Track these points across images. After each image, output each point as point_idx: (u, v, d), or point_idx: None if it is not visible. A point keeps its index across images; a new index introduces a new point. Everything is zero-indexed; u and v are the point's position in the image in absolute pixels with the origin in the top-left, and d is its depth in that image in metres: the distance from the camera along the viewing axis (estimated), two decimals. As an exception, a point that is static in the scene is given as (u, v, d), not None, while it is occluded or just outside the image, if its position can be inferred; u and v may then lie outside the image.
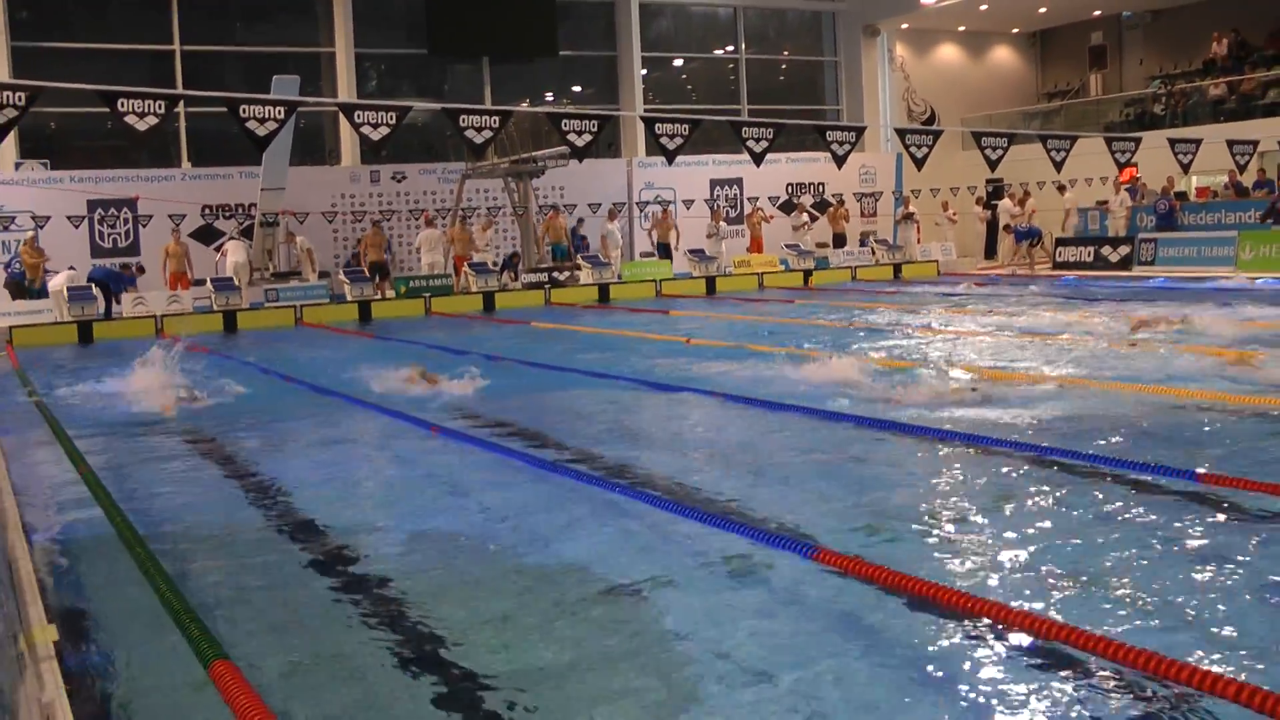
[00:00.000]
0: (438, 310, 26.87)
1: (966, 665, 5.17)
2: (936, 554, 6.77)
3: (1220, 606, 5.76)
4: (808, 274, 31.59)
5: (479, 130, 11.26)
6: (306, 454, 10.60)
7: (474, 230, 29.95)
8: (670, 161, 12.77)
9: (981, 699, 4.83)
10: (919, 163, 13.12)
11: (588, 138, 11.56)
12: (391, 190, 31.53)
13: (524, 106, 32.30)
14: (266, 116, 10.10)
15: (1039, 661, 5.16)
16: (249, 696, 4.60)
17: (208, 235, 29.29)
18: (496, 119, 11.53)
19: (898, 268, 33.10)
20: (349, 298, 27.08)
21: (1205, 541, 6.79)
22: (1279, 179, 29.88)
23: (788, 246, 32.62)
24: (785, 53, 40.56)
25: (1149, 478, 8.17)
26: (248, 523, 8.29)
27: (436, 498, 8.86)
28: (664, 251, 31.61)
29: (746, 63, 38.82)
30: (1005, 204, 34.89)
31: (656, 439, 10.76)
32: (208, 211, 29.36)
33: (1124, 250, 30.47)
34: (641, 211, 33.89)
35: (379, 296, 27.41)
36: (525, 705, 4.95)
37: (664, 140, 11.85)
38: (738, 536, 7.05)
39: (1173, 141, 15.59)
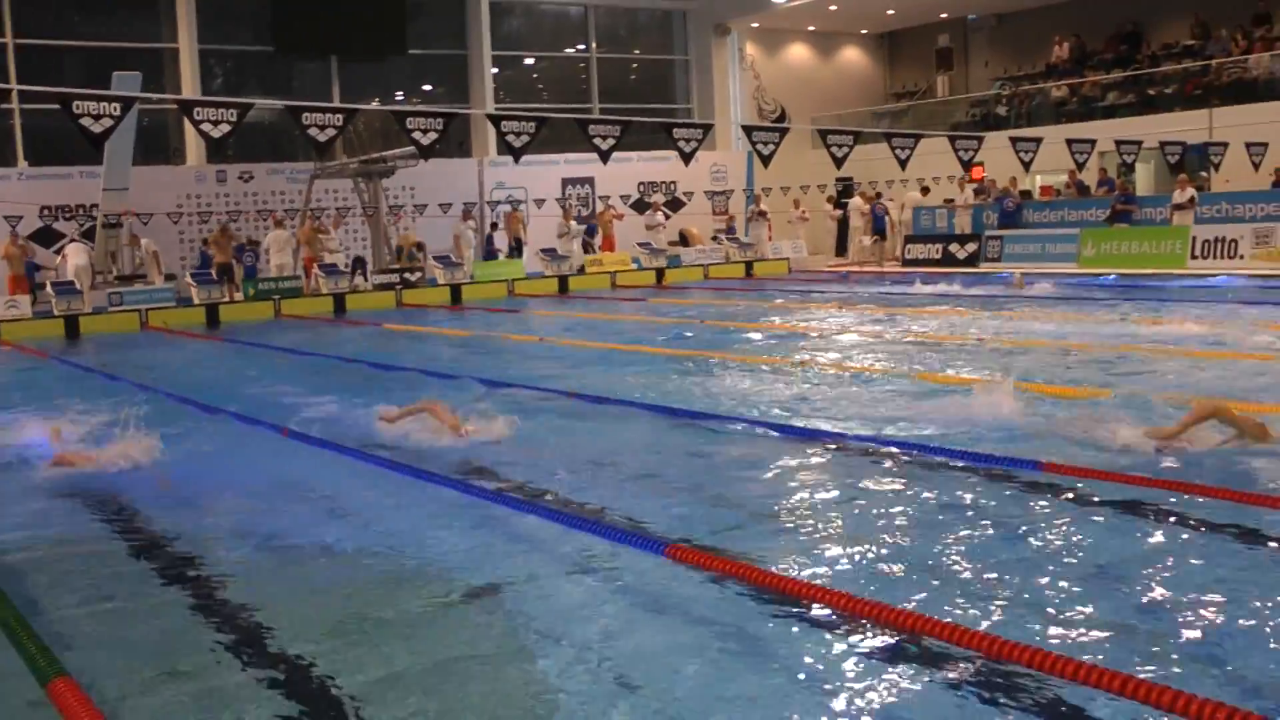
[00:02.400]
0: (288, 313, 26.39)
1: (823, 657, 5.22)
2: (789, 548, 6.81)
3: (1063, 591, 5.90)
4: (660, 272, 31.71)
5: (323, 129, 11.09)
6: (154, 462, 10.31)
7: (324, 231, 29.47)
8: (517, 160, 12.71)
9: (837, 690, 4.86)
10: (765, 160, 13.23)
11: (434, 136, 11.44)
12: (239, 190, 30.93)
13: (368, 105, 31.89)
14: (102, 113, 9.80)
15: (890, 650, 5.22)
16: (90, 714, 4.48)
17: (47, 238, 28.42)
18: (341, 117, 11.35)
19: (749, 265, 33.37)
20: (196, 300, 26.46)
21: (1049, 529, 6.94)
22: (1119, 179, 30.71)
23: (640, 245, 32.69)
24: (636, 52, 40.67)
25: (998, 469, 8.35)
26: (91, 536, 8.03)
27: (289, 503, 8.67)
28: (515, 251, 31.48)
29: (598, 61, 38.87)
30: (856, 202, 35.41)
31: (512, 440, 10.69)
32: (47, 213, 28.45)
33: (971, 247, 31.09)
34: (493, 211, 33.71)
35: (227, 299, 26.85)
36: (386, 712, 4.88)
37: (510, 139, 11.78)
38: (594, 537, 7.04)
39: (1014, 140, 15.98)
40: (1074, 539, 6.75)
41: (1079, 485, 7.81)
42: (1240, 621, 5.41)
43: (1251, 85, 32.17)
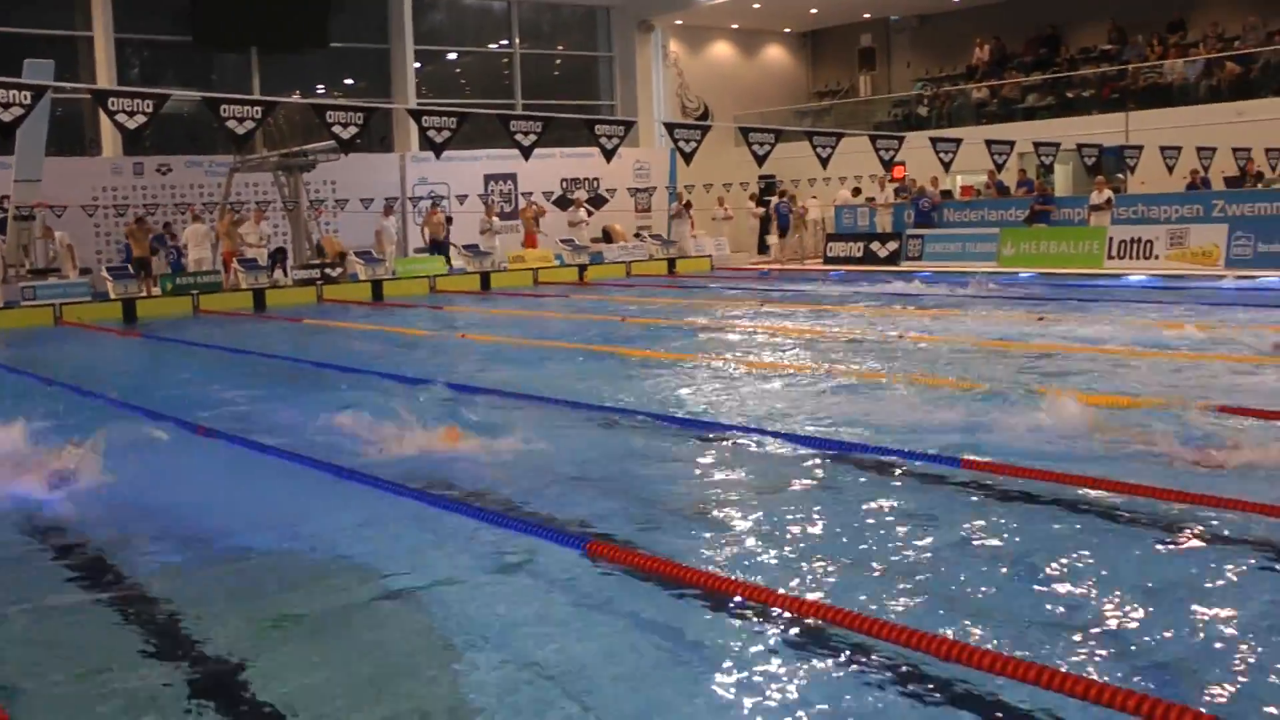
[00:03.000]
0: (206, 308, 25.99)
1: (744, 651, 5.24)
2: (710, 543, 6.83)
3: (982, 585, 5.97)
4: (583, 269, 31.67)
5: (241, 121, 10.92)
6: (64, 462, 10.11)
7: (242, 224, 29.11)
8: (438, 155, 12.61)
9: (758, 683, 4.88)
10: (687, 157, 13.23)
11: (354, 130, 11.31)
12: (156, 183, 30.47)
13: (288, 98, 31.49)
14: (12, 101, 9.58)
15: (808, 642, 5.26)
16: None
17: (-44, 230, 27.82)
18: (259, 110, 11.20)
19: (672, 263, 33.41)
20: (112, 295, 26.01)
21: (968, 523, 7.01)
22: (1038, 179, 31.08)
23: (563, 242, 32.62)
24: (560, 47, 40.57)
25: (919, 465, 8.42)
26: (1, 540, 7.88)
27: (205, 503, 8.54)
28: (438, 248, 31.26)
29: (521, 57, 38.74)
30: (774, 200, 35.58)
31: (433, 437, 10.61)
32: (-45, 205, 27.84)
33: (892, 246, 31.32)
34: (415, 207, 33.48)
35: (144, 294, 26.44)
36: (309, 712, 4.83)
37: (431, 134, 11.67)
38: (515, 534, 7.01)
39: (934, 141, 16.10)
40: (989, 531, 6.83)
41: (997, 480, 7.91)
42: (1149, 609, 5.52)
43: (1166, 90, 32.69)
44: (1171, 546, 6.51)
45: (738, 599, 5.75)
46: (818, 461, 8.84)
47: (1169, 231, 26.36)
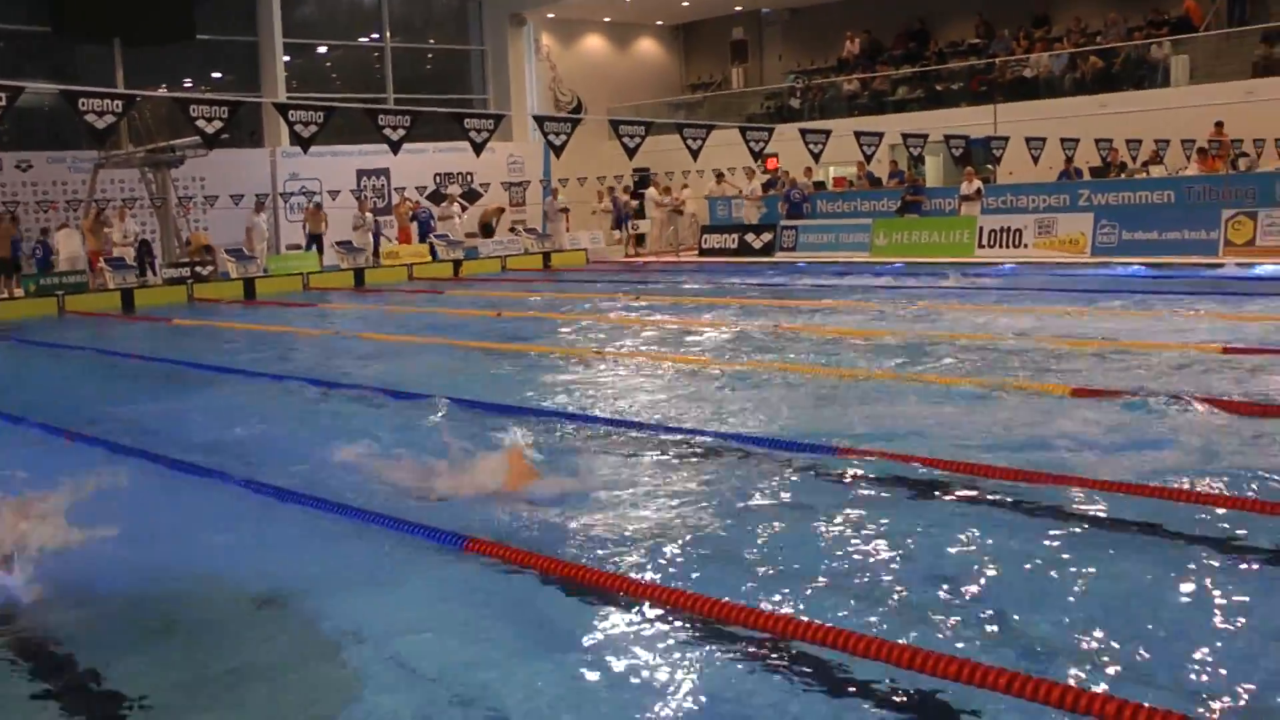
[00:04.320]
0: (73, 309, 25.27)
1: (626, 645, 5.23)
2: (589, 537, 6.77)
3: (859, 569, 6.03)
4: (458, 264, 31.44)
5: (101, 115, 10.66)
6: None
7: (108, 224, 28.39)
8: (305, 150, 12.43)
9: (638, 676, 4.89)
10: (557, 150, 13.21)
11: (218, 124, 11.09)
12: (16, 180, 29.61)
13: (150, 91, 30.79)
14: None
15: (691, 634, 5.27)
16: None
17: None
18: (120, 104, 10.94)
19: (547, 256, 33.31)
20: (-30, 297, 25.28)
21: (847, 509, 7.06)
22: (909, 171, 31.49)
23: (436, 237, 32.36)
24: (431, 41, 40.25)
25: (797, 455, 8.47)
26: None
27: (76, 511, 8.28)
28: (314, 244, 30.83)
29: (392, 51, 38.37)
30: (651, 192, 35.65)
31: (306, 437, 10.44)
32: None
33: (767, 237, 31.52)
34: (286, 203, 32.98)
35: (6, 295, 25.70)
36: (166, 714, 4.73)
37: (299, 128, 11.50)
38: (393, 532, 6.92)
39: (804, 132, 16.28)
40: (867, 518, 6.88)
41: (873, 466, 8.00)
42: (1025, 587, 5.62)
43: (1032, 83, 33.39)
44: (1024, 524, 6.62)
45: (619, 593, 5.74)
46: (696, 452, 8.84)
47: (1037, 220, 26.86)
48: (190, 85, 34.97)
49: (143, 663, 5.38)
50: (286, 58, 35.62)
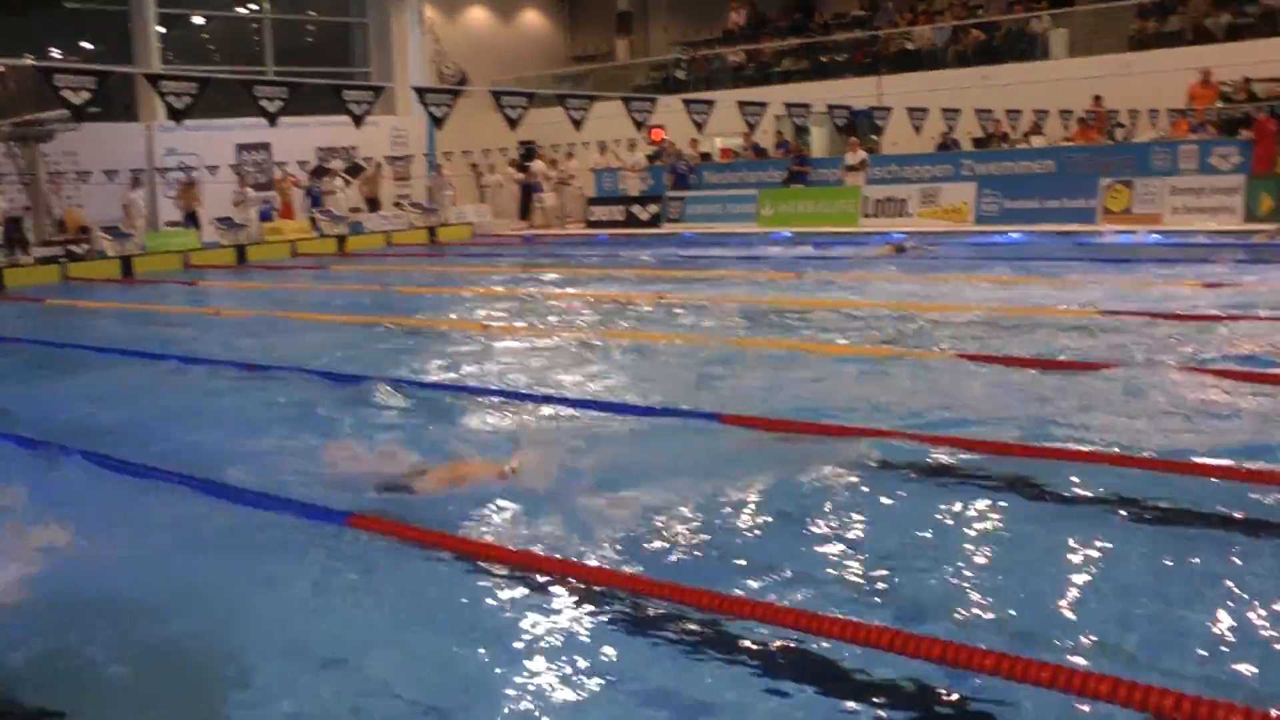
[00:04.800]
0: (-63, 290, 24.51)
1: (508, 617, 5.18)
2: (473, 511, 6.63)
3: (748, 536, 6.06)
4: (342, 239, 30.98)
5: (-42, 87, 10.25)
6: None
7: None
8: (179, 122, 12.10)
9: (526, 648, 4.84)
10: (439, 122, 13.03)
11: (86, 95, 10.70)
12: None
13: (13, 60, 29.78)
14: None
15: (577, 605, 5.23)
16: None
17: None
18: (-22, 75, 10.53)
19: (433, 231, 32.98)
20: None
21: (728, 474, 7.06)
22: (794, 142, 31.62)
23: (320, 212, 31.86)
24: (311, 13, 39.56)
25: (679, 421, 8.42)
26: None
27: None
28: (190, 220, 30.15)
29: (272, 22, 37.64)
30: (538, 165, 35.42)
31: (182, 417, 10.16)
32: None
33: (653, 209, 31.49)
34: (164, 178, 32.21)
35: None
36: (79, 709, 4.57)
37: (171, 100, 11.17)
38: (273, 512, 6.73)
39: (688, 103, 16.21)
40: (752, 484, 6.85)
41: (756, 433, 8.00)
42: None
43: (915, 56, 33.65)
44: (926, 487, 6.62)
45: (502, 566, 5.68)
46: (584, 423, 8.76)
47: (921, 190, 27.16)
48: (59, 56, 33.93)
49: (20, 664, 5.15)
50: (161, 28, 34.65)
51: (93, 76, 10.90)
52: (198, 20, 37.11)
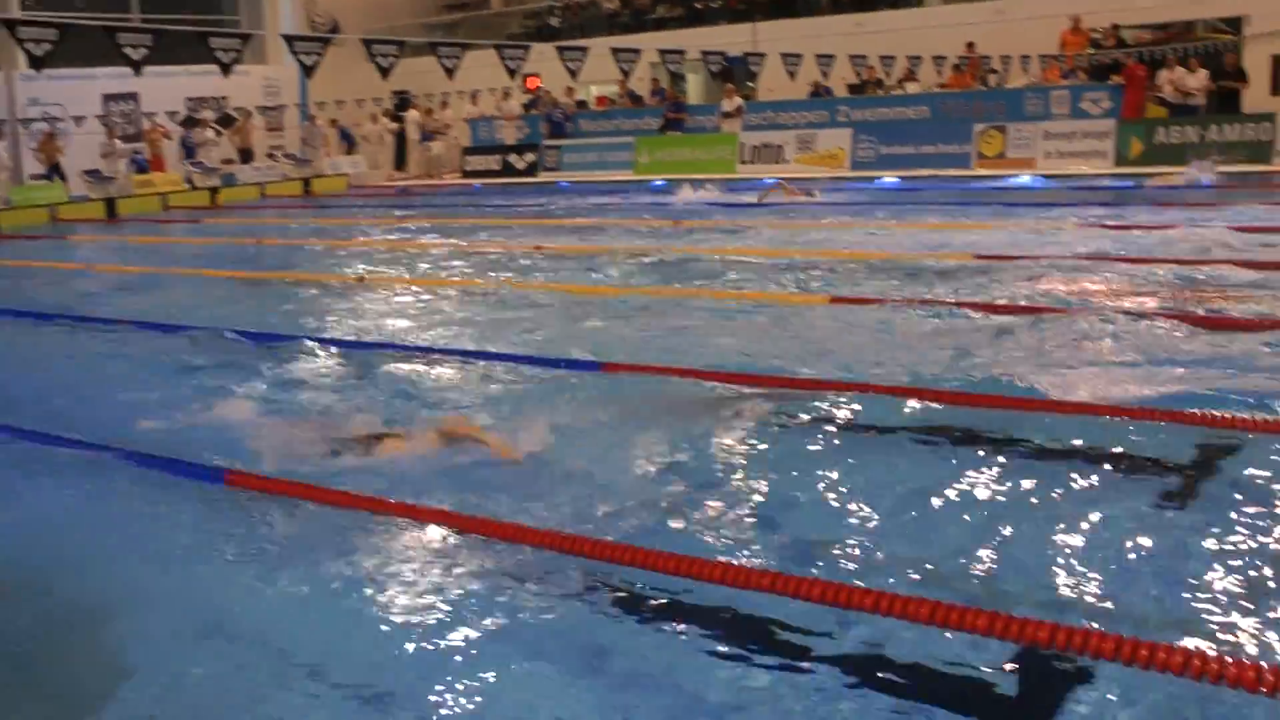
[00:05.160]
0: None
1: (388, 566, 5.13)
2: (355, 465, 6.57)
3: (614, 475, 6.10)
4: (214, 192, 30.43)
5: None
6: None
7: None
8: (39, 70, 11.80)
9: (419, 600, 4.81)
10: (310, 72, 12.86)
11: (-65, 43, 10.40)
12: None
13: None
14: None
15: (448, 550, 5.22)
16: None
17: None
18: None
19: (307, 182, 32.52)
20: None
21: (610, 420, 7.12)
22: (670, 88, 31.63)
23: (192, 164, 31.26)
24: (179, -42, 38.60)
25: (559, 370, 8.46)
26: None
27: None
28: (54, 173, 29.36)
29: (137, -31, 36.70)
30: (412, 115, 35.06)
31: (50, 375, 9.96)
32: None
33: (530, 158, 31.37)
34: (28, 130, 31.31)
35: None
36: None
37: (30, 47, 10.89)
38: (149, 470, 6.61)
39: (561, 50, 16.13)
40: (634, 429, 6.89)
41: (637, 379, 8.06)
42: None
43: (790, 2, 33.79)
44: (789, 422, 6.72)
45: (382, 515, 5.62)
46: (463, 372, 8.74)
47: (798, 136, 27.35)
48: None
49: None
50: (19, -27, 33.61)
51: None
52: (59, -35, 36.04)
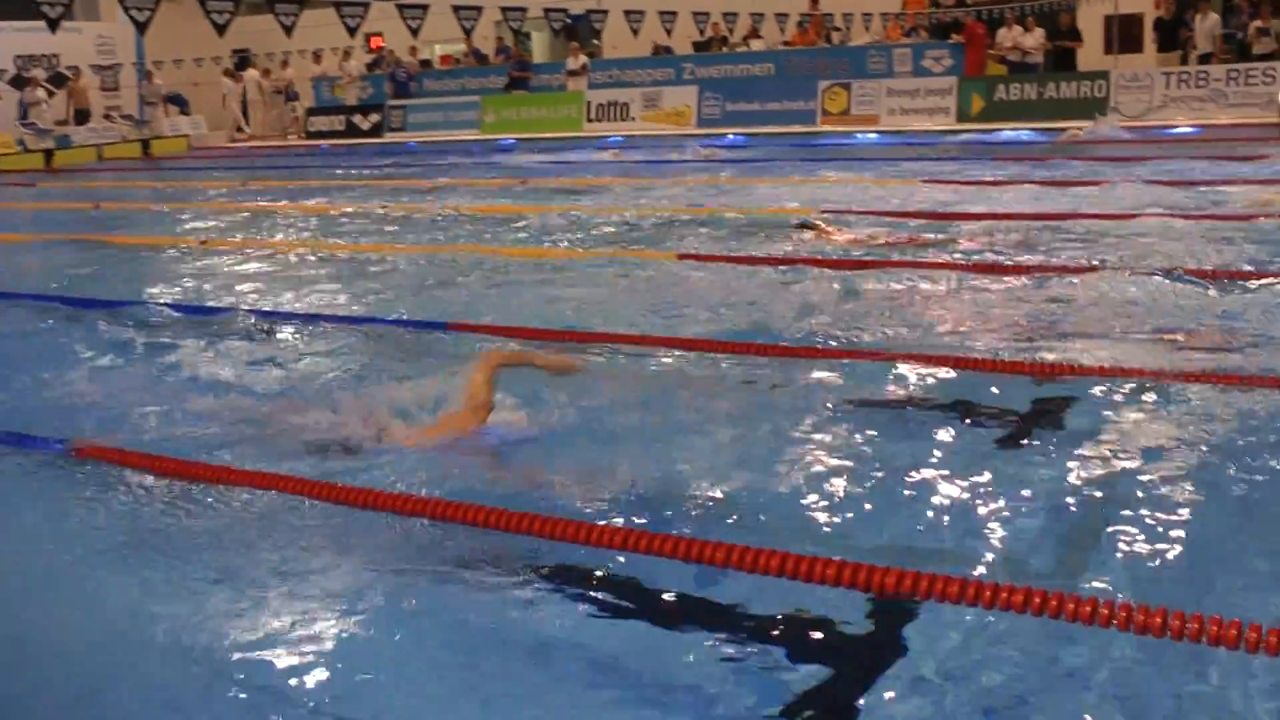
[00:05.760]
0: None
1: (243, 539, 5.02)
2: (210, 435, 6.47)
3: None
4: (49, 154, 29.61)
5: None
6: None
7: None
8: None
9: (271, 571, 4.70)
10: (142, 28, 12.58)
11: None
12: None
13: None
14: None
15: (328, 524, 5.11)
16: None
17: None
18: None
19: (146, 144, 31.80)
20: None
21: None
22: (515, 47, 31.52)
23: (24, 125, 30.35)
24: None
25: (410, 331, 8.47)
26: None
27: None
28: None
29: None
30: (252, 74, 34.42)
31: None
32: None
33: (375, 118, 31.08)
34: None
35: None
36: None
37: None
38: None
39: (401, 8, 15.99)
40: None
41: (482, 339, 8.00)
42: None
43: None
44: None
45: (237, 487, 5.53)
46: (311, 335, 8.70)
47: (643, 94, 27.47)
48: None
49: None
50: None
51: None
52: None
